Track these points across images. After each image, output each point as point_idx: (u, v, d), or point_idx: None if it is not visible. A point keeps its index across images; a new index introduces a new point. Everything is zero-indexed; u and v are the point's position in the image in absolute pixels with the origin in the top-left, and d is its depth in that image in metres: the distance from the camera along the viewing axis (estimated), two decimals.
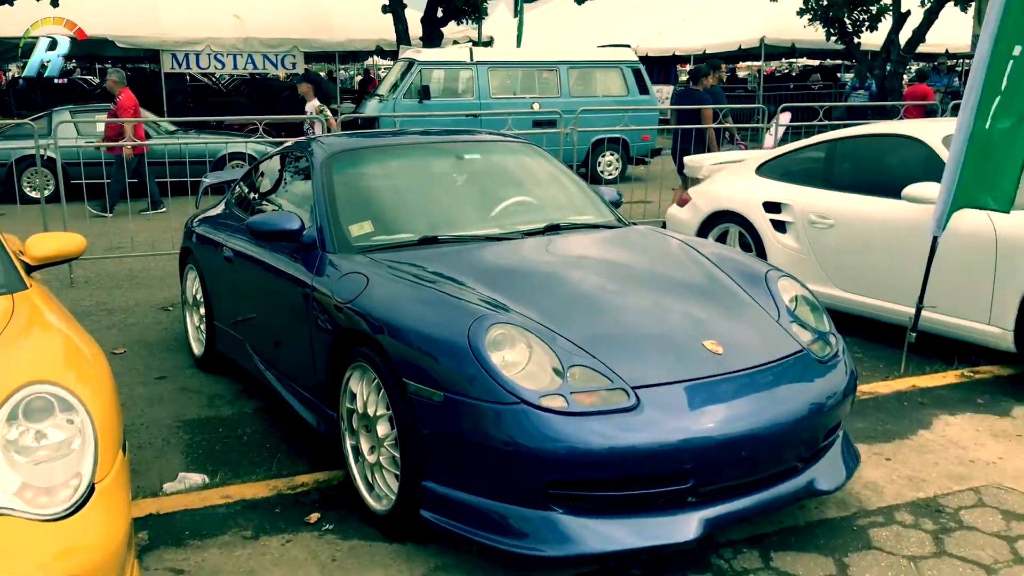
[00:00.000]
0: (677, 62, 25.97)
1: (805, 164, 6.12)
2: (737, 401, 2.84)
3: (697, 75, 10.04)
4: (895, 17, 17.77)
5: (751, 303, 3.37)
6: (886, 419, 4.21)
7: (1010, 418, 4.20)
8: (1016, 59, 4.17)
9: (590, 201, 4.44)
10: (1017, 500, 3.40)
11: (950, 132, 5.12)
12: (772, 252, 5.88)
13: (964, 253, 4.76)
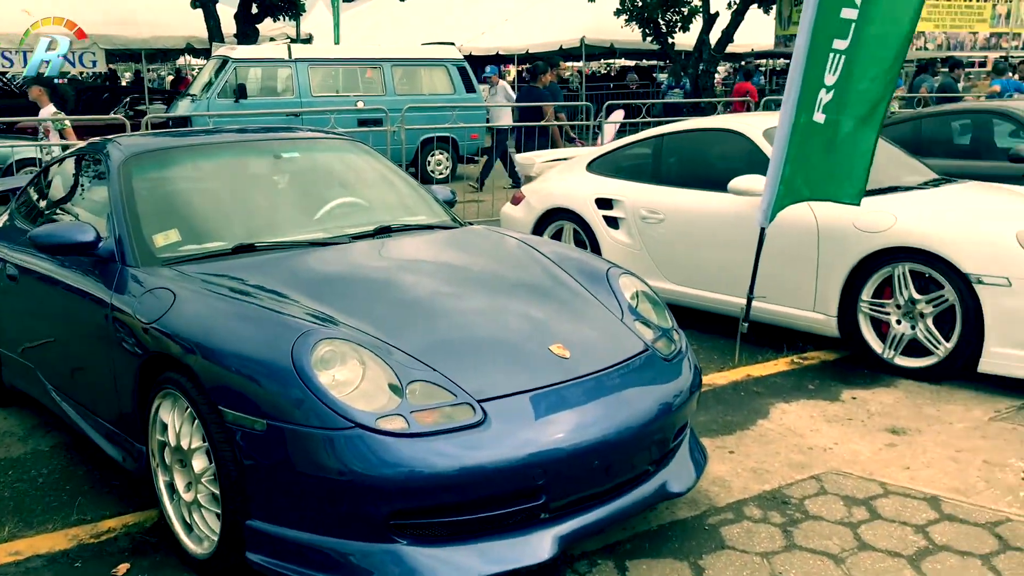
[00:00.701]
0: (501, 61, 26.14)
1: (634, 160, 6.15)
2: (587, 407, 2.69)
3: (536, 72, 10.03)
4: (705, 18, 18.62)
5: (594, 302, 3.25)
6: (726, 411, 4.23)
7: (840, 402, 4.32)
8: (839, 52, 4.29)
9: (422, 201, 4.20)
10: (855, 485, 3.46)
11: (771, 125, 5.26)
12: (606, 248, 5.86)
13: (789, 243, 4.89)
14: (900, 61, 4.41)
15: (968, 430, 3.96)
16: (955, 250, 4.33)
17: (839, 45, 4.28)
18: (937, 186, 5.26)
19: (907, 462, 3.66)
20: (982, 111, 7.69)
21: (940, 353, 4.47)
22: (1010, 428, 3.97)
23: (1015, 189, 5.56)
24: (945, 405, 4.24)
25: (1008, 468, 3.58)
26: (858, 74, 4.30)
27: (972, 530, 3.11)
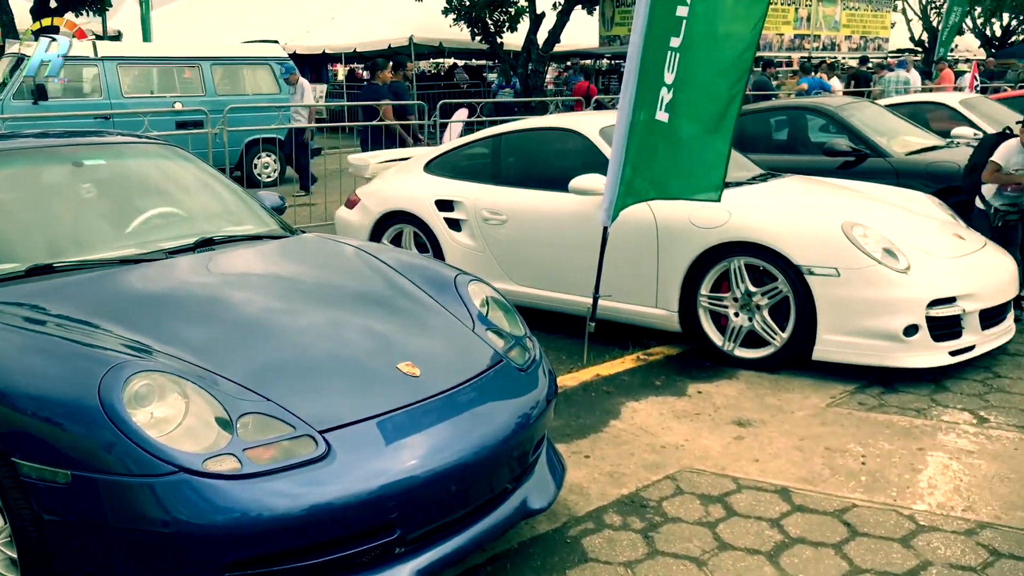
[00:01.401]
0: (328, 60, 25.46)
1: (473, 160, 6.01)
2: (441, 429, 2.50)
3: (375, 69, 9.71)
4: (532, 18, 18.83)
5: (443, 313, 3.06)
6: (578, 413, 4.16)
7: (687, 397, 4.35)
8: (675, 50, 4.29)
9: (248, 208, 3.87)
10: (709, 482, 3.46)
11: (608, 124, 5.26)
12: (449, 251, 5.69)
13: (631, 242, 4.89)
14: (745, 63, 4.43)
15: (808, 418, 4.07)
16: (786, 243, 4.45)
17: (675, 43, 4.30)
18: (764, 181, 5.43)
19: (756, 454, 3.70)
20: (798, 108, 8.08)
21: (777, 343, 4.59)
22: (846, 413, 4.11)
23: (833, 182, 5.83)
24: (785, 394, 4.35)
25: (848, 453, 3.69)
26: (696, 73, 4.32)
27: (823, 519, 3.16)
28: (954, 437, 3.82)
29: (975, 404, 4.18)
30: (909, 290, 4.31)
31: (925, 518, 3.16)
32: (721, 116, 4.35)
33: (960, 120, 8.83)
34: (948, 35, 19.93)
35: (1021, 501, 3.26)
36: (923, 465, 3.57)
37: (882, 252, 4.39)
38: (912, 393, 4.32)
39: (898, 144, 7.01)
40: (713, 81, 4.35)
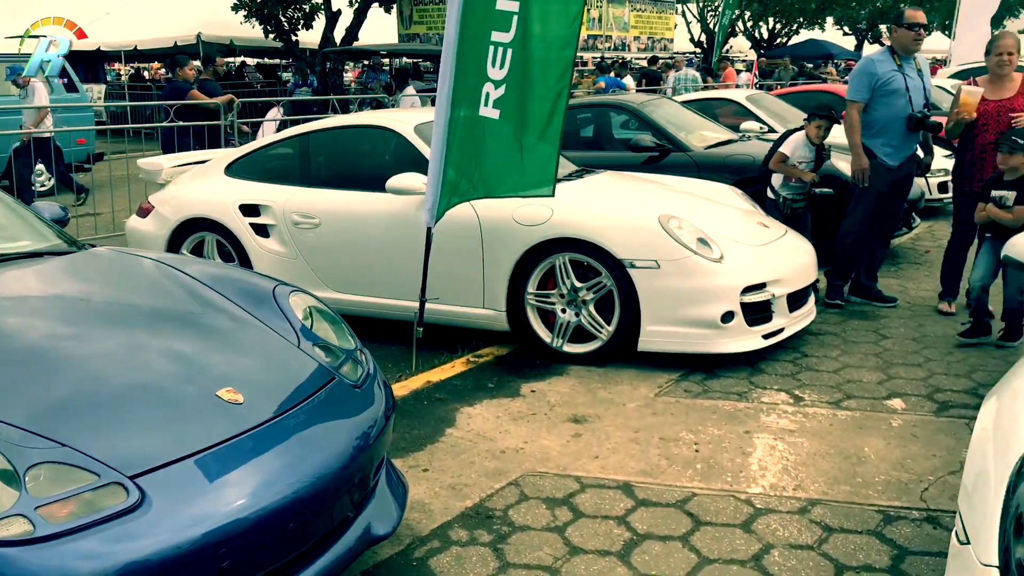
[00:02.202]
0: (106, 59, 23.58)
1: (279, 161, 5.66)
2: (272, 461, 2.24)
3: (175, 66, 8.98)
4: (327, 16, 18.31)
5: (263, 329, 2.78)
6: (412, 424, 3.97)
7: (521, 397, 4.27)
8: (502, 45, 4.18)
9: (23, 222, 3.38)
10: (553, 484, 3.38)
11: (423, 120, 5.09)
12: (257, 260, 5.31)
13: (455, 242, 4.75)
14: (567, 59, 4.38)
15: (640, 409, 4.10)
16: (609, 238, 4.47)
17: (501, 37, 4.18)
18: (581, 177, 5.46)
19: (595, 450, 3.67)
20: (602, 105, 8.26)
21: (604, 336, 4.61)
22: (674, 402, 4.17)
23: (642, 176, 5.97)
24: (615, 387, 4.37)
25: (682, 442, 3.73)
26: (526, 69, 4.23)
27: (667, 512, 3.16)
28: (775, 418, 3.97)
29: (789, 384, 4.38)
30: (724, 278, 4.45)
31: (761, 500, 3.23)
32: (551, 112, 4.32)
33: (747, 115, 9.39)
34: (722, 37, 21.34)
35: (842, 475, 3.41)
36: (752, 448, 3.67)
37: (697, 243, 4.50)
38: (732, 377, 4.47)
39: (696, 139, 7.32)
40: (542, 77, 4.30)
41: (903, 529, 3.01)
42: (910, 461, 3.51)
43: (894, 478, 3.38)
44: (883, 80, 5.36)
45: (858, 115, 5.43)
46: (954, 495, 3.21)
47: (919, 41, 5.45)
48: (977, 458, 1.95)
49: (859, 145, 5.42)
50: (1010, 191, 4.75)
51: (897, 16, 5.57)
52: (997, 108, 5.12)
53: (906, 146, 5.47)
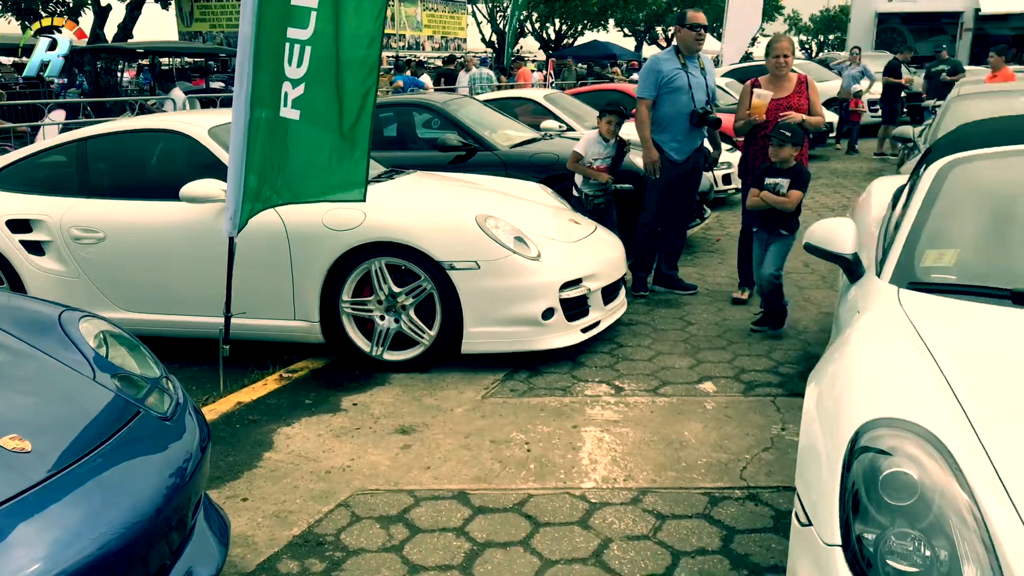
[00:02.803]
0: None
1: (52, 171, 5.10)
2: (71, 515, 1.95)
3: None
4: (96, 11, 16.95)
5: (51, 364, 2.44)
6: (225, 450, 3.68)
7: (343, 412, 4.07)
8: (299, 42, 3.94)
9: None
10: (385, 501, 3.23)
11: (218, 123, 4.76)
12: (31, 281, 4.77)
13: (260, 251, 4.47)
14: (373, 57, 4.19)
15: (468, 413, 4.02)
16: (427, 240, 4.37)
17: (297, 34, 3.95)
18: (391, 178, 5.31)
19: (426, 461, 3.56)
20: (406, 104, 8.13)
21: (426, 341, 4.50)
22: (501, 403, 4.14)
23: (453, 176, 5.91)
24: (441, 392, 4.28)
25: (513, 443, 3.70)
26: (328, 68, 4.01)
27: (505, 517, 3.10)
28: (600, 410, 4.03)
29: (609, 375, 4.47)
30: (542, 276, 4.46)
31: (595, 495, 3.25)
32: (358, 111, 4.11)
33: (546, 114, 9.59)
34: (512, 37, 21.82)
35: (668, 461, 3.50)
36: (581, 443, 3.69)
37: (514, 241, 4.49)
38: (555, 373, 4.50)
39: (502, 138, 7.36)
40: (347, 76, 4.09)
41: (728, 509, 3.13)
42: (727, 442, 3.66)
43: (714, 459, 3.50)
44: (668, 78, 5.61)
45: (647, 111, 5.66)
46: (769, 471, 3.38)
47: (700, 41, 5.74)
48: (808, 442, 2.02)
49: (649, 139, 5.65)
50: (784, 179, 4.97)
51: (680, 17, 5.84)
52: (776, 106, 5.46)
53: (691, 141, 5.74)
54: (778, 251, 5.04)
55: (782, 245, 5.03)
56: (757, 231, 5.16)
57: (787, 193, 4.93)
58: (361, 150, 4.21)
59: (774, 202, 4.94)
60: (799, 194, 4.92)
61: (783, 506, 3.13)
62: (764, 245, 5.09)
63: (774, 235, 5.04)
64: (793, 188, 4.92)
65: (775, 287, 5.03)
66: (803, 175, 4.99)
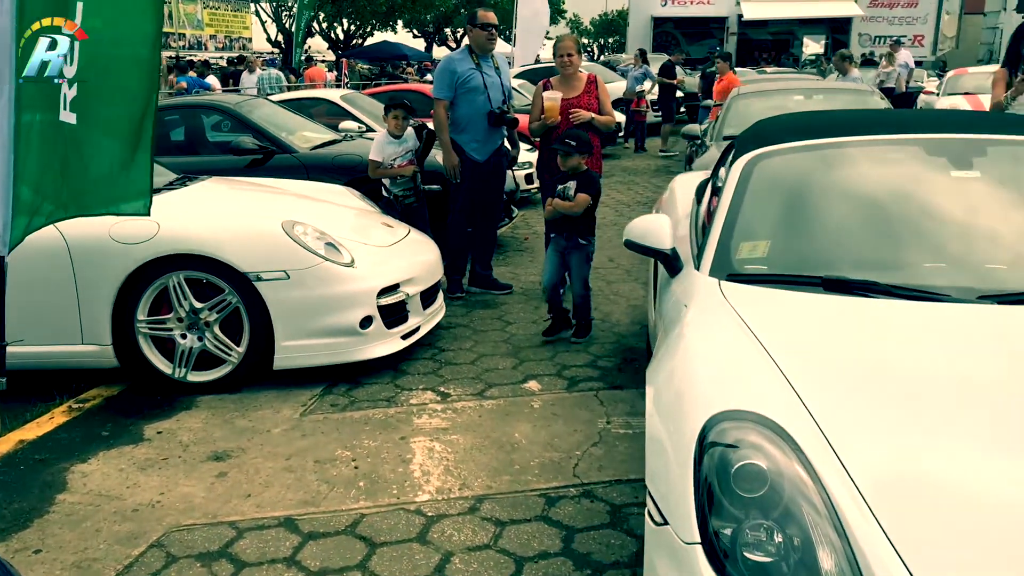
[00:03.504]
0: None
1: None
2: None
3: None
4: None
5: None
6: (10, 497, 3.25)
7: (147, 442, 3.72)
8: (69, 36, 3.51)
9: None
10: (204, 536, 2.96)
11: None
12: None
13: (38, 271, 4.01)
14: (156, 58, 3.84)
15: (287, 433, 3.80)
16: (229, 250, 4.08)
17: (64, 27, 3.53)
18: (184, 185, 4.94)
19: (246, 488, 3.31)
20: (193, 106, 7.62)
21: (234, 359, 4.21)
22: (322, 419, 3.94)
23: (253, 181, 5.60)
24: (255, 413, 4.01)
25: (339, 461, 3.52)
26: (106, 66, 3.61)
27: (338, 541, 2.94)
28: (427, 418, 3.93)
29: (434, 381, 4.37)
30: (358, 283, 4.30)
31: (431, 508, 3.15)
32: (142, 115, 3.73)
33: (343, 115, 9.35)
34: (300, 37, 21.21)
35: (501, 465, 3.46)
36: (411, 454, 3.58)
37: (325, 248, 4.30)
38: (377, 383, 4.35)
39: (300, 139, 7.06)
40: (125, 76, 3.70)
41: (566, 508, 3.13)
42: (557, 440, 3.67)
43: (547, 459, 3.50)
44: (463, 78, 5.59)
45: (444, 112, 5.62)
46: (600, 466, 3.43)
47: (493, 40, 5.77)
48: (655, 441, 2.02)
49: (448, 142, 5.63)
50: (572, 182, 4.78)
51: (471, 17, 5.83)
52: (567, 106, 5.44)
53: (491, 141, 5.76)
54: (579, 263, 4.88)
55: (581, 255, 4.88)
56: (555, 237, 4.95)
57: (574, 196, 4.75)
58: (144, 156, 3.84)
59: (562, 208, 4.76)
60: (586, 197, 4.73)
61: (617, 500, 3.17)
62: (561, 254, 4.90)
63: (572, 244, 4.86)
64: (580, 191, 4.74)
65: (584, 300, 4.92)
66: (591, 179, 4.82)
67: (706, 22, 33.12)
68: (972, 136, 2.90)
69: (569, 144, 4.75)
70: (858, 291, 2.43)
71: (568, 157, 4.77)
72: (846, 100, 7.46)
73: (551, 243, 4.99)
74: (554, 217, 4.88)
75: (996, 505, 1.63)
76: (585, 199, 4.74)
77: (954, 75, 14.62)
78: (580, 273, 4.89)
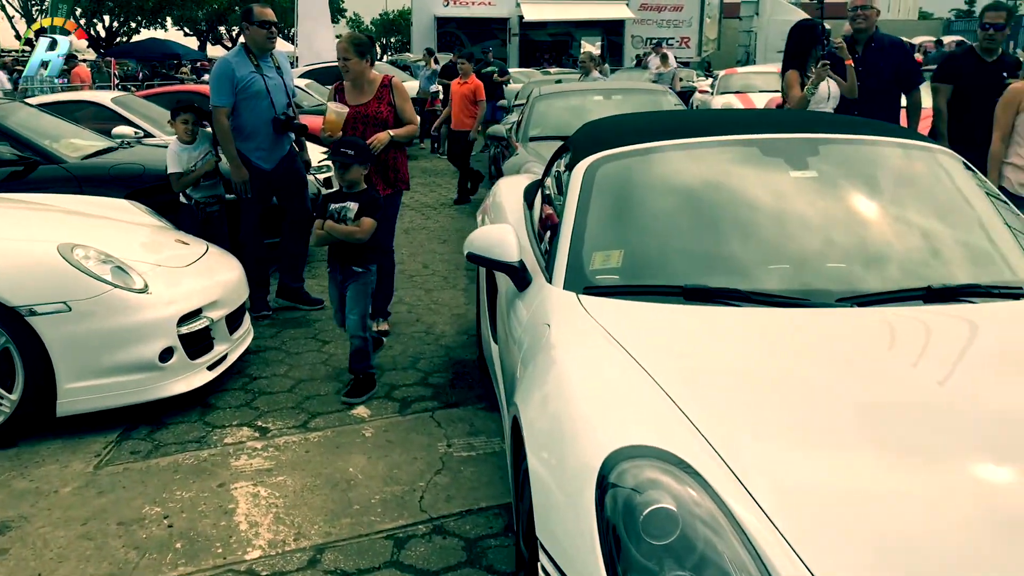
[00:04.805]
0: None
1: None
2: None
3: None
4: None
5: None
6: None
7: None
8: None
9: None
10: None
11: None
12: None
13: None
14: None
15: (80, 491, 3.25)
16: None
17: None
18: None
19: (34, 567, 2.78)
20: None
21: (7, 409, 3.58)
22: (122, 471, 3.42)
23: (14, 198, 4.86)
24: (37, 471, 3.42)
25: (148, 521, 3.05)
26: None
27: None
28: (247, 459, 3.52)
29: (249, 415, 3.95)
30: (155, 311, 3.79)
31: (264, 566, 2.78)
32: None
33: (116, 119, 8.46)
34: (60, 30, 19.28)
35: (339, 507, 3.13)
36: (233, 504, 3.16)
37: (113, 273, 3.76)
38: (184, 423, 3.86)
39: (68, 148, 6.26)
40: None
41: (417, 549, 2.86)
42: (396, 471, 3.39)
43: (388, 494, 3.22)
44: (244, 83, 5.14)
45: (226, 120, 5.13)
46: (448, 496, 3.19)
47: (272, 39, 5.34)
48: (544, 486, 1.81)
49: (235, 155, 5.16)
50: (352, 202, 4.07)
51: (246, 13, 5.34)
52: (355, 115, 4.75)
53: (278, 147, 5.32)
54: (356, 296, 4.10)
55: (358, 286, 4.10)
56: (331, 271, 4.22)
57: (357, 221, 4.03)
58: None
59: (341, 233, 4.02)
60: (371, 222, 4.02)
61: (471, 533, 2.94)
62: (340, 287, 4.18)
63: (348, 274, 4.11)
64: (364, 215, 4.03)
65: (360, 344, 4.11)
66: (374, 200, 4.10)
67: (488, 23, 33.58)
68: (812, 136, 2.92)
69: (346, 154, 4.03)
70: (718, 299, 2.35)
71: (346, 170, 4.04)
72: (643, 100, 7.65)
73: (329, 278, 4.27)
74: (325, 243, 4.14)
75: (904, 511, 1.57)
76: (370, 224, 4.02)
77: (726, 75, 15.62)
78: (356, 309, 4.09)
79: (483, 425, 3.80)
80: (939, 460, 1.71)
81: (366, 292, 4.13)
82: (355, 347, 4.14)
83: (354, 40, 4.86)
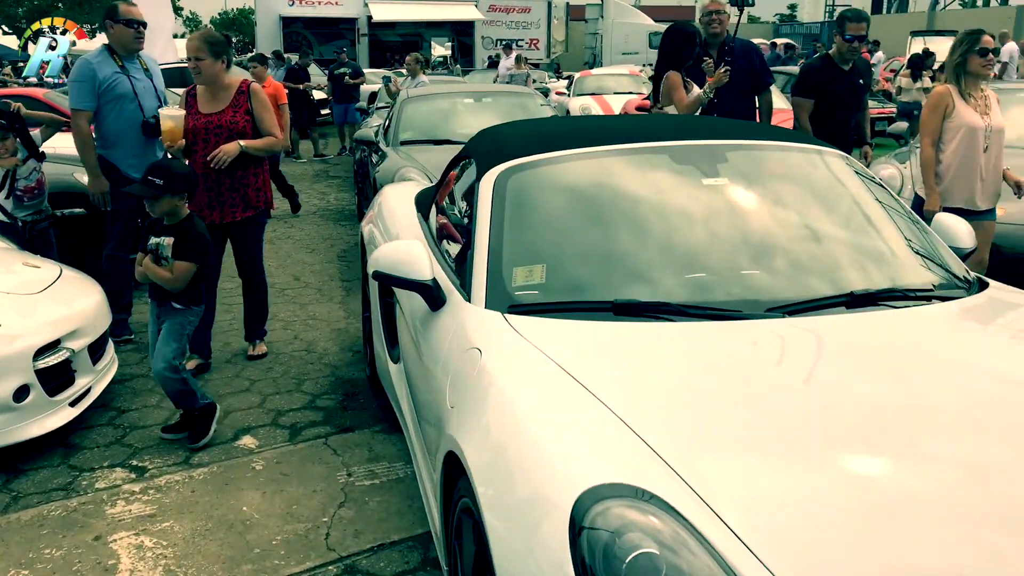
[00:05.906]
0: None
1: None
2: None
3: None
4: None
5: None
6: None
7: None
8: None
9: None
10: None
11: None
12: None
13: None
14: None
15: None
16: None
17: None
18: None
19: None
20: None
21: None
22: None
23: None
24: None
25: None
26: None
27: None
28: (124, 505, 3.17)
29: (121, 454, 3.58)
30: (6, 345, 3.37)
31: None
32: None
33: None
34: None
35: (237, 552, 2.87)
36: (114, 559, 2.83)
37: None
38: (46, 468, 3.45)
39: None
40: None
41: None
42: (296, 507, 3.15)
43: (290, 533, 2.97)
44: (107, 85, 4.72)
45: (88, 126, 4.70)
46: (356, 531, 2.99)
47: (140, 39, 4.94)
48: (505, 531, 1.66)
49: (95, 165, 4.75)
50: (168, 237, 3.53)
51: (111, 11, 4.90)
52: (206, 123, 4.33)
53: (149, 154, 4.91)
54: (168, 334, 3.56)
55: (174, 324, 3.57)
56: (151, 302, 3.67)
57: (171, 261, 3.50)
58: None
59: (155, 277, 3.51)
60: (186, 267, 3.49)
61: (387, 570, 2.76)
62: (157, 322, 3.63)
63: (165, 308, 3.59)
64: (179, 256, 3.49)
65: (175, 384, 3.56)
66: (194, 235, 3.52)
67: (336, 23, 32.81)
68: (726, 141, 2.90)
69: (153, 183, 3.43)
70: (648, 313, 2.27)
71: (155, 201, 3.48)
72: (512, 103, 7.59)
73: (149, 310, 3.71)
74: (146, 281, 3.58)
75: (879, 517, 1.53)
76: (185, 268, 3.49)
77: (580, 76, 15.88)
78: (164, 349, 3.53)
79: (383, 450, 3.60)
80: (899, 464, 1.70)
81: (181, 333, 3.58)
82: (170, 391, 3.59)
83: (208, 38, 4.40)
